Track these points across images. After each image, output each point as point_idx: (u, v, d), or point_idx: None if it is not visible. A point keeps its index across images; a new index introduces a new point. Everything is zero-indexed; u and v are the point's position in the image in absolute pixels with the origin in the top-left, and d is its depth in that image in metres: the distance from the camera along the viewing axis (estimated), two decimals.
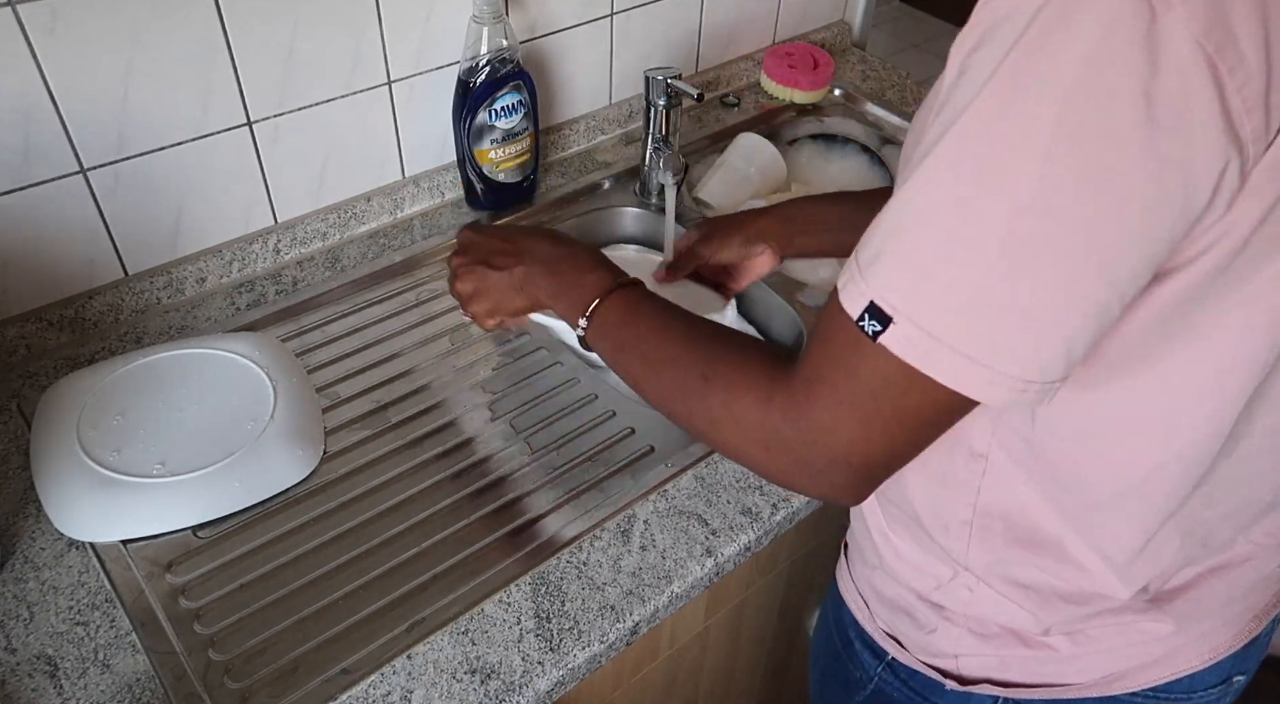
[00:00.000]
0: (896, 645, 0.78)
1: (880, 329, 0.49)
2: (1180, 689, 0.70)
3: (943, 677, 0.75)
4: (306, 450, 0.89)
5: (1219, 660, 0.70)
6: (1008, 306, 0.47)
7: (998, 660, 0.72)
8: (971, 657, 0.73)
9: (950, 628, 0.72)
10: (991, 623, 0.70)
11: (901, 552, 0.72)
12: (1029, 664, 0.71)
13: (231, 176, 1.05)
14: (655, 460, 0.92)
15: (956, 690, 0.74)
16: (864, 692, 0.82)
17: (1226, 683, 0.72)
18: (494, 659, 0.76)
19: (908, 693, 0.78)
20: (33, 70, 0.87)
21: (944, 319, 0.48)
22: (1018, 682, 0.72)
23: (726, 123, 1.40)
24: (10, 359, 0.98)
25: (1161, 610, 0.67)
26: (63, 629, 0.77)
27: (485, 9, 1.05)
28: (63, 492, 0.83)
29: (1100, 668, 0.69)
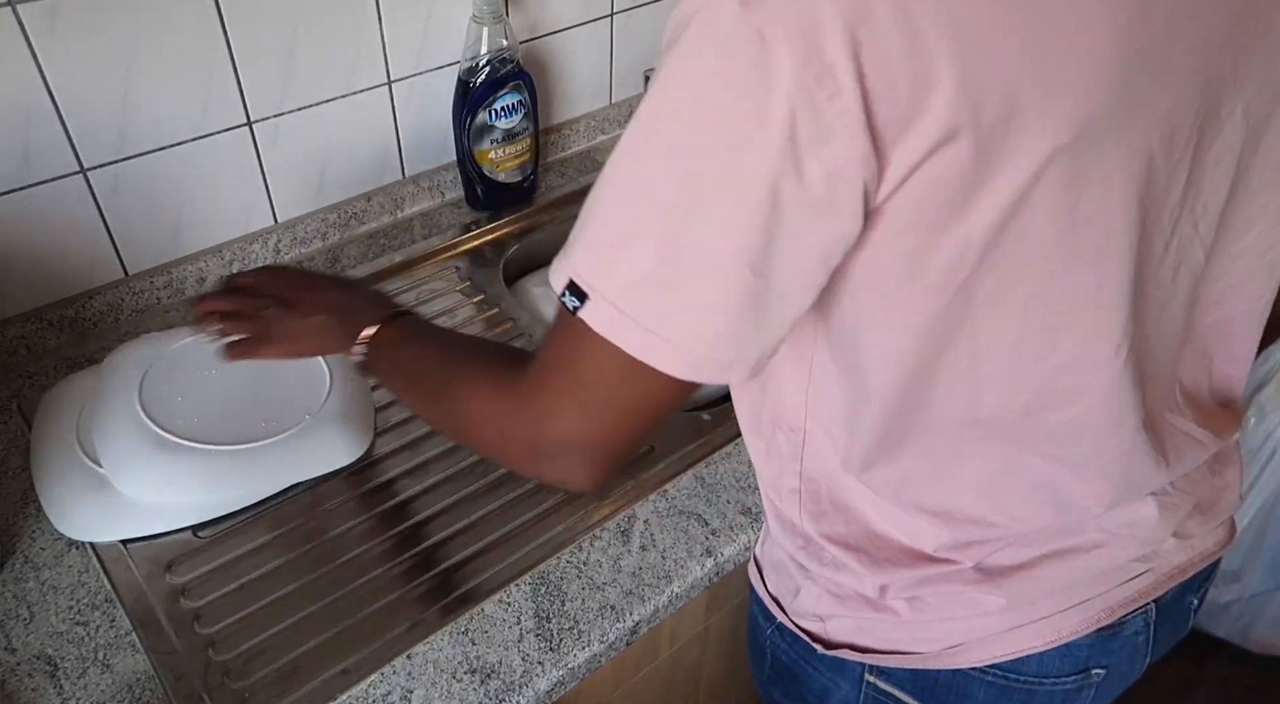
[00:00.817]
0: (778, 608, 0.80)
1: (579, 304, 0.53)
2: (1028, 670, 0.71)
3: (812, 640, 0.77)
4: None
5: (1066, 644, 0.70)
6: (673, 285, 0.51)
7: (854, 624, 0.73)
8: (833, 619, 0.74)
9: (812, 587, 0.74)
10: (844, 585, 0.72)
11: (780, 513, 0.75)
12: (879, 629, 0.72)
13: (231, 176, 1.05)
14: (655, 460, 0.92)
15: (826, 655, 0.76)
16: (767, 659, 0.84)
17: (1083, 673, 0.72)
18: (494, 659, 0.76)
19: (793, 656, 0.80)
20: (33, 70, 0.87)
21: (626, 294, 0.52)
22: (874, 648, 0.73)
23: None
24: (10, 359, 0.98)
25: (994, 584, 0.68)
26: (63, 629, 0.77)
27: (485, 9, 1.05)
28: (63, 492, 0.84)
29: (942, 637, 0.71)
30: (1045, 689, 0.72)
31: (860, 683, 0.76)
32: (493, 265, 1.15)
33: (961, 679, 0.72)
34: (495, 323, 1.07)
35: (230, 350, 0.79)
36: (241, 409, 0.88)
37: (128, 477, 0.82)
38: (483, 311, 1.09)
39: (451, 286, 1.12)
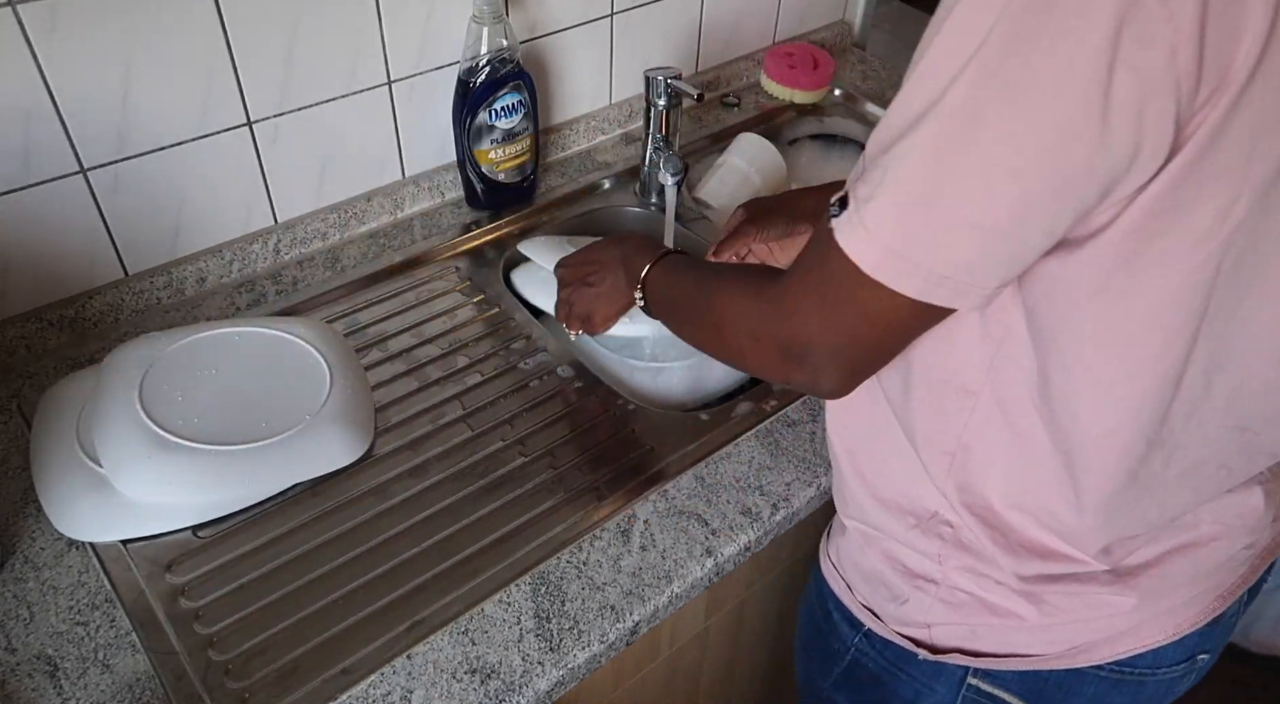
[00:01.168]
0: (872, 617, 0.80)
1: (837, 213, 0.55)
2: (1144, 664, 0.72)
3: (915, 646, 0.77)
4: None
5: (1183, 637, 0.71)
6: (926, 203, 0.51)
7: (968, 630, 0.73)
8: (943, 626, 0.74)
9: (922, 597, 0.74)
10: (962, 592, 0.72)
11: (882, 490, 0.74)
12: (998, 634, 0.72)
13: (231, 176, 1.05)
14: (655, 460, 0.92)
15: (929, 660, 0.76)
16: (842, 663, 0.84)
17: (1190, 660, 0.74)
18: (494, 659, 0.76)
19: (882, 663, 0.80)
20: (33, 70, 0.87)
21: (876, 210, 0.53)
22: (987, 651, 0.73)
23: (726, 123, 1.40)
24: (10, 359, 0.98)
25: (1125, 585, 0.69)
26: (63, 629, 0.77)
27: (485, 9, 1.05)
28: (63, 492, 0.84)
29: (1066, 639, 0.71)
30: (1155, 679, 0.73)
31: (960, 686, 0.76)
32: (493, 265, 1.15)
33: (1075, 677, 0.72)
34: (495, 323, 1.07)
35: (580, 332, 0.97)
36: (241, 409, 0.88)
37: (128, 477, 0.82)
38: (483, 312, 1.09)
39: (451, 286, 1.12)
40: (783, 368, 0.63)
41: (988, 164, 0.49)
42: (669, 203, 1.06)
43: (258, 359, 0.93)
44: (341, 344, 0.99)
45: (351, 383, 0.94)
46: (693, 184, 1.28)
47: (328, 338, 0.98)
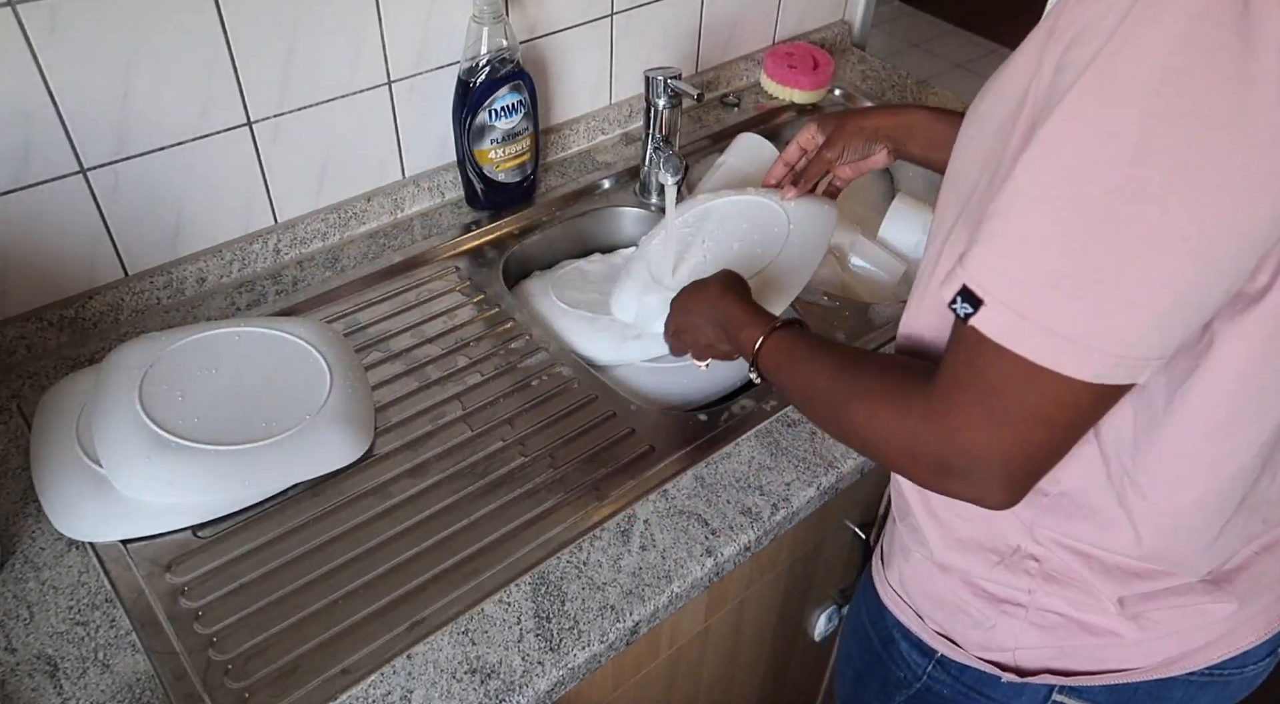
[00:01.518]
0: (948, 643, 0.78)
1: (971, 312, 0.52)
2: (1234, 665, 0.71)
3: (999, 670, 0.75)
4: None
5: (1273, 635, 0.71)
6: (1098, 284, 0.48)
7: (1058, 650, 0.72)
8: (1031, 649, 0.73)
9: (1010, 622, 0.72)
10: (1054, 614, 0.70)
11: (959, 530, 0.73)
12: (1091, 652, 0.71)
13: (231, 176, 1.05)
14: (655, 460, 0.92)
15: (1013, 682, 0.74)
16: (908, 690, 0.82)
17: (1273, 654, 0.74)
18: (494, 659, 0.76)
19: (959, 688, 0.78)
20: (33, 70, 0.87)
21: (1031, 297, 0.50)
22: (1078, 670, 0.72)
23: (726, 123, 1.40)
24: (10, 359, 0.98)
25: (1223, 591, 0.68)
26: (63, 629, 0.77)
27: (485, 9, 1.05)
28: (63, 492, 0.84)
29: (1162, 651, 0.70)
30: (1240, 677, 0.73)
31: (1044, 703, 0.75)
32: (493, 265, 1.15)
33: (1164, 685, 0.71)
34: (495, 323, 1.07)
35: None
36: (242, 409, 0.88)
37: (127, 477, 0.82)
38: (483, 311, 1.09)
39: (451, 287, 1.12)
40: (944, 485, 0.59)
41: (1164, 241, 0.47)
42: (669, 203, 1.06)
43: (258, 359, 0.93)
44: (341, 344, 0.99)
45: (351, 383, 0.94)
46: (693, 184, 1.28)
47: (328, 337, 0.98)
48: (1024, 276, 0.50)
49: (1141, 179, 0.46)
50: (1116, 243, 0.48)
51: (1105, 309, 0.49)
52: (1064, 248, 0.49)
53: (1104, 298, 0.49)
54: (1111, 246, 0.48)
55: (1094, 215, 0.48)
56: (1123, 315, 0.49)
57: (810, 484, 0.90)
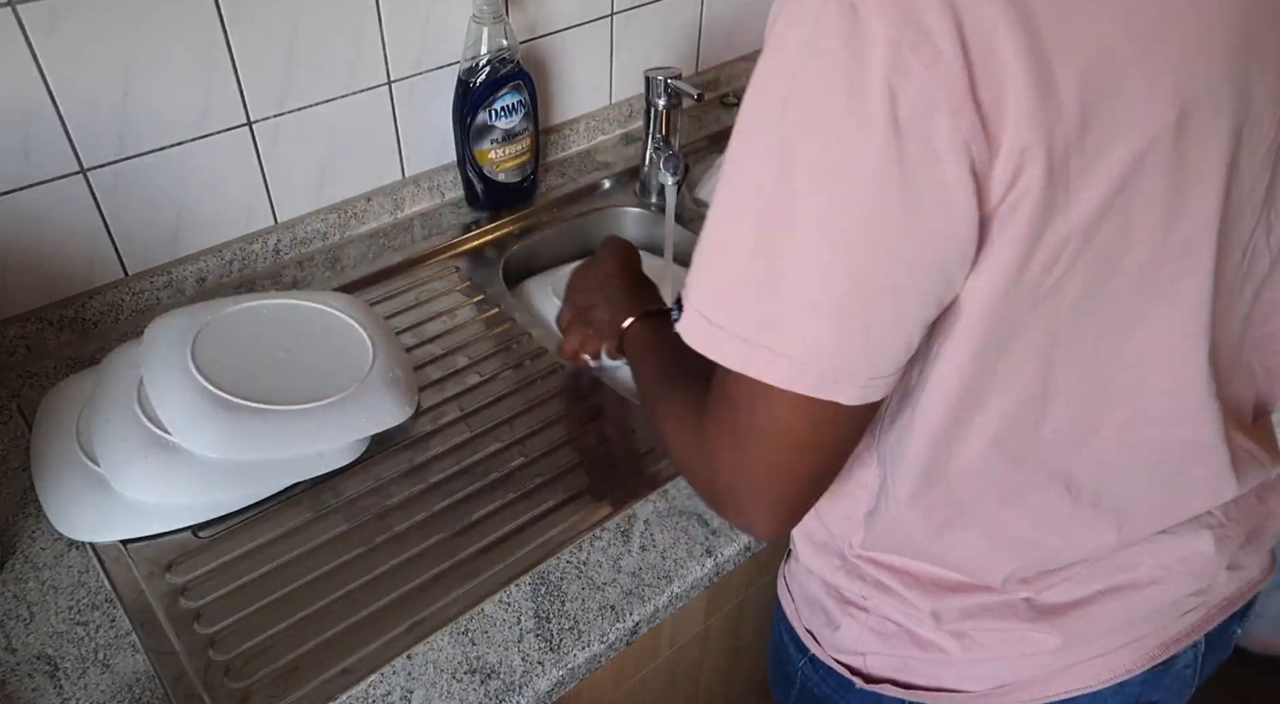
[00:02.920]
0: (814, 642, 0.79)
1: (678, 317, 0.53)
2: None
3: (851, 674, 0.76)
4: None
5: (1121, 682, 0.68)
6: (769, 288, 0.49)
7: (899, 661, 0.72)
8: (875, 655, 0.73)
9: (853, 624, 0.73)
10: (890, 621, 0.71)
11: (810, 533, 0.75)
12: (925, 667, 0.71)
13: (231, 176, 1.05)
14: (655, 460, 0.92)
15: (866, 690, 0.75)
16: (795, 686, 0.83)
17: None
18: (494, 659, 0.76)
19: (826, 690, 0.79)
20: (33, 70, 0.87)
21: (716, 304, 0.51)
22: (918, 684, 0.72)
23: (726, 123, 1.40)
24: (10, 359, 0.98)
25: (1050, 622, 0.66)
26: (63, 629, 0.77)
27: (485, 9, 1.05)
28: (63, 492, 0.84)
29: (992, 676, 0.69)
30: None
31: None
32: (493, 265, 1.15)
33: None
34: (495, 323, 1.07)
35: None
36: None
37: (126, 477, 0.82)
38: (483, 311, 1.09)
39: (451, 286, 1.12)
40: (718, 507, 0.60)
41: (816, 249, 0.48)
42: (669, 203, 1.06)
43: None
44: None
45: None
46: (693, 184, 1.28)
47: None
48: (711, 280, 0.52)
49: (787, 190, 0.47)
50: (778, 248, 0.48)
51: (782, 313, 0.49)
52: (738, 254, 0.50)
53: (778, 302, 0.49)
54: (775, 252, 0.49)
55: (756, 222, 0.49)
56: (796, 320, 0.49)
57: None
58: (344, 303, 0.99)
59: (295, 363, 0.90)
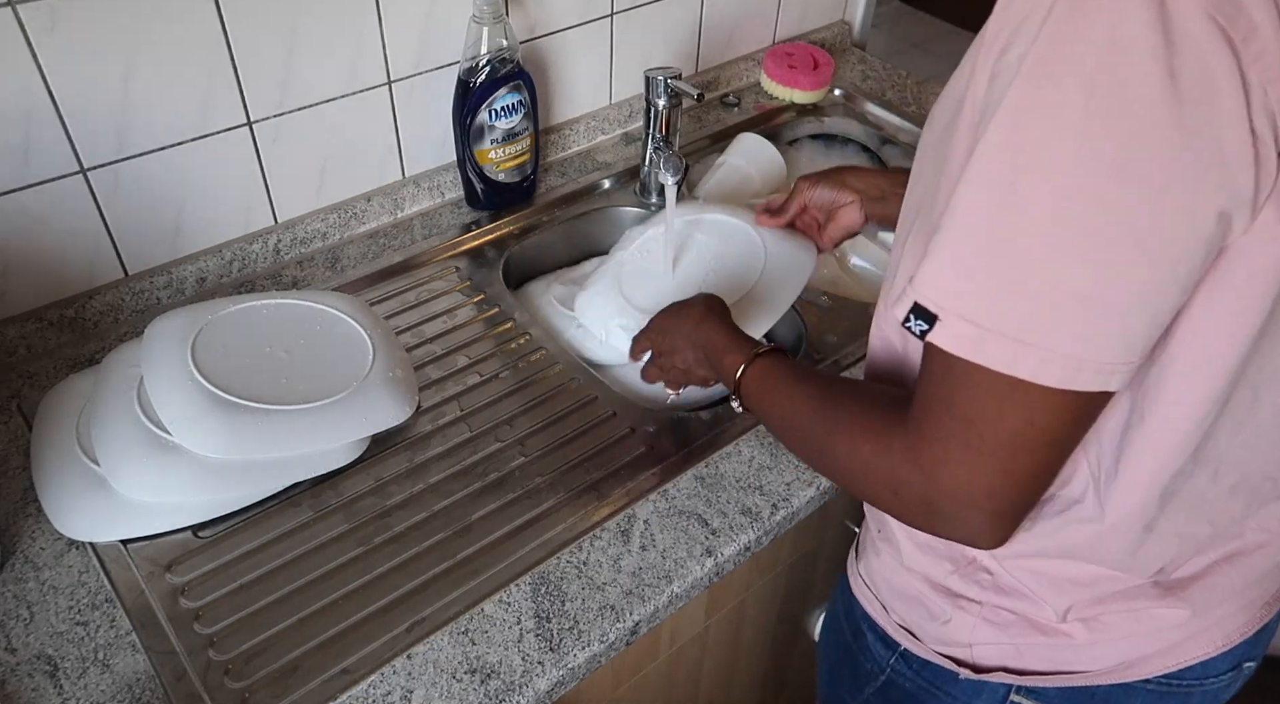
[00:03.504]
0: (910, 637, 0.78)
1: (927, 328, 0.51)
2: (1193, 675, 0.71)
3: (957, 665, 0.75)
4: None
5: (1232, 647, 0.71)
6: (1050, 287, 0.48)
7: (1013, 649, 0.72)
8: (986, 645, 0.73)
9: (965, 617, 0.73)
10: (1006, 611, 0.71)
11: (913, 537, 0.74)
12: (1045, 652, 0.71)
13: (231, 176, 1.05)
14: (655, 460, 0.92)
15: (970, 679, 0.75)
16: (875, 683, 0.83)
17: (1237, 669, 0.73)
18: (494, 659, 0.76)
19: (920, 683, 0.79)
20: (33, 70, 0.87)
21: (985, 306, 0.49)
22: (1033, 669, 0.72)
23: (726, 123, 1.40)
24: (10, 359, 0.98)
25: (1177, 597, 0.68)
26: (63, 629, 0.77)
27: (485, 9, 1.05)
28: (63, 492, 0.84)
29: (1116, 655, 0.70)
30: (1202, 690, 0.72)
31: (1002, 703, 0.75)
32: (493, 265, 1.15)
33: (1122, 691, 0.71)
34: (495, 323, 1.07)
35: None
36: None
37: (125, 478, 0.82)
38: (483, 311, 1.09)
39: (451, 287, 1.12)
40: (931, 525, 0.58)
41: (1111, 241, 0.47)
42: (669, 203, 1.06)
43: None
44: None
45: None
46: (693, 184, 1.28)
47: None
48: (975, 287, 0.50)
49: (1083, 181, 0.46)
50: (1064, 246, 0.48)
51: (1058, 312, 0.48)
52: (1012, 254, 0.49)
53: (1056, 301, 0.48)
54: (1058, 250, 0.48)
55: (1039, 220, 0.48)
56: (1077, 317, 0.48)
57: (810, 484, 0.90)
58: (344, 303, 0.99)
59: (295, 363, 0.90)
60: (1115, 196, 0.46)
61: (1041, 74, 0.46)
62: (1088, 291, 0.48)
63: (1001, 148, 0.48)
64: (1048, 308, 0.48)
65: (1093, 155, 0.46)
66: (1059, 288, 0.48)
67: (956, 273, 0.51)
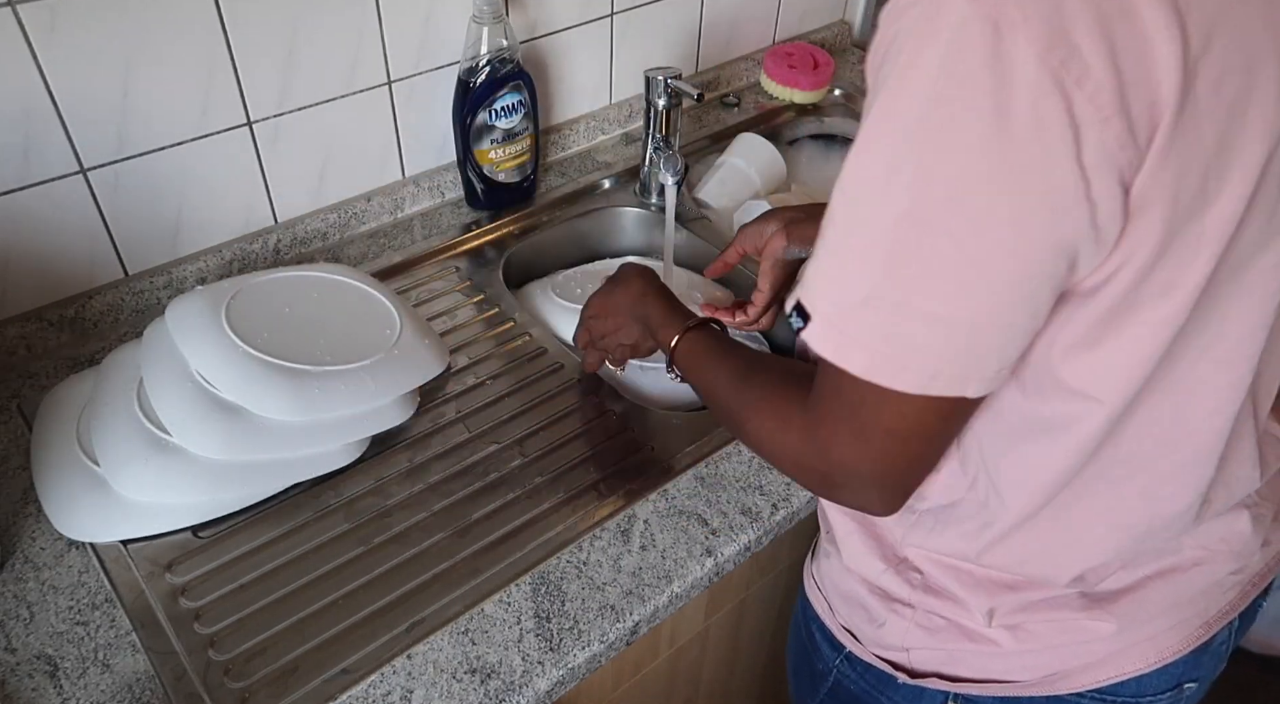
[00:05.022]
0: (852, 639, 0.80)
1: (802, 325, 0.54)
2: (1127, 692, 0.71)
3: (894, 670, 0.77)
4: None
5: (1166, 664, 0.70)
6: (899, 303, 0.50)
7: (945, 655, 0.73)
8: (920, 650, 0.74)
9: (898, 621, 0.74)
10: (937, 616, 0.72)
11: (852, 536, 0.76)
12: (974, 659, 0.72)
13: (231, 176, 1.05)
14: (655, 460, 0.92)
15: (908, 684, 0.76)
16: (826, 684, 0.84)
17: (1177, 689, 0.72)
18: (494, 659, 0.76)
19: (864, 686, 0.80)
20: (33, 70, 0.87)
21: (844, 314, 0.52)
22: (965, 677, 0.73)
23: (726, 123, 1.40)
24: (10, 359, 0.98)
25: (1104, 610, 0.68)
26: (63, 629, 0.77)
27: (485, 9, 1.05)
28: (63, 492, 0.84)
29: (1044, 665, 0.70)
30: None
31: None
32: (493, 265, 1.15)
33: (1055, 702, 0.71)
34: (495, 323, 1.07)
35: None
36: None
37: (126, 478, 0.82)
38: (483, 311, 1.09)
39: (451, 287, 1.12)
40: (830, 494, 0.63)
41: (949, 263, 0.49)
42: (669, 203, 1.06)
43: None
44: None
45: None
46: (693, 184, 1.28)
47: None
48: (838, 294, 0.53)
49: (919, 208, 0.48)
50: (910, 267, 0.50)
51: (907, 326, 0.51)
52: (865, 269, 0.51)
53: (904, 317, 0.50)
54: (903, 269, 0.50)
55: (886, 240, 0.50)
56: (924, 332, 0.51)
57: None
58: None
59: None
60: (949, 225, 0.48)
61: (889, 98, 0.49)
62: (932, 309, 0.50)
63: (856, 165, 0.51)
64: (897, 322, 0.51)
65: (926, 183, 0.48)
66: (906, 305, 0.50)
67: (826, 278, 0.54)
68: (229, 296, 0.90)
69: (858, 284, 0.51)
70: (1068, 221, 0.47)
